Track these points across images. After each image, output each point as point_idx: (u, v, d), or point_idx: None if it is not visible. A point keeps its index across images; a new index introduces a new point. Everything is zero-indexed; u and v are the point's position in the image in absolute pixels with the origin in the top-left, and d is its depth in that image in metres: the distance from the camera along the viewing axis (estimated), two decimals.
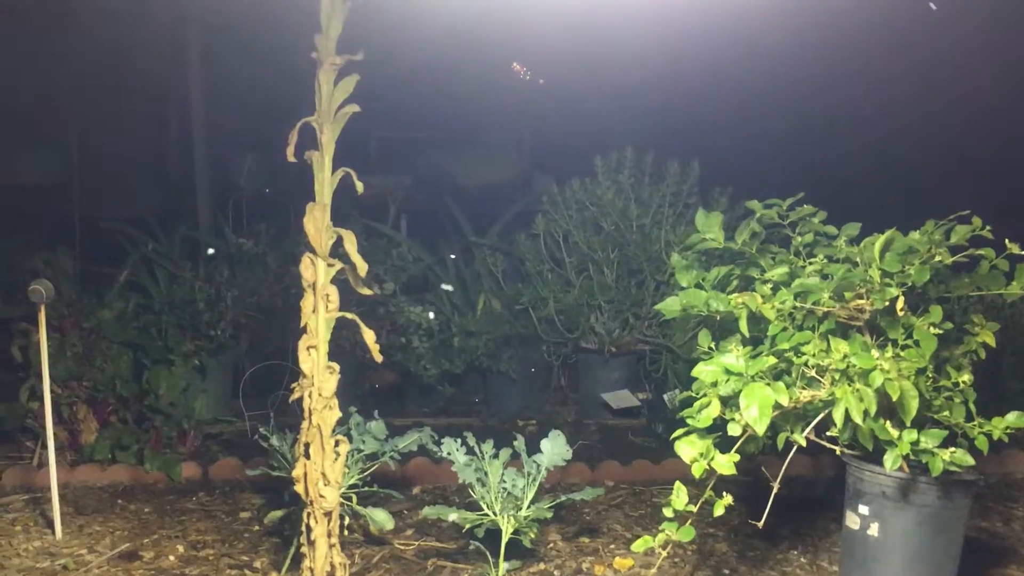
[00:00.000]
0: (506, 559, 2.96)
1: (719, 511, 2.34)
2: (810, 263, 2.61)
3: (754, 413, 2.21)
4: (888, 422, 2.43)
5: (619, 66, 7.74)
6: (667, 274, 4.84)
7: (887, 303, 2.41)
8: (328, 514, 2.80)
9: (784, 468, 2.51)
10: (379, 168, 8.43)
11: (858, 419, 2.31)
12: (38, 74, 7.68)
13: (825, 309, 2.44)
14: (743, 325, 2.48)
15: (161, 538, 3.43)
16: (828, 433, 2.58)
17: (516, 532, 2.97)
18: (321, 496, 2.76)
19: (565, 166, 5.50)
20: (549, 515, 2.96)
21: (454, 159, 8.72)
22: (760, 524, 2.44)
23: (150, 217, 5.92)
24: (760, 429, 2.22)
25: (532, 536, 3.02)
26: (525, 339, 5.18)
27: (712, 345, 2.58)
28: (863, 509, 2.69)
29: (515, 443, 3.07)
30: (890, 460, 2.41)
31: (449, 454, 3.08)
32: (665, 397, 4.71)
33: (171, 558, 3.25)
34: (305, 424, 2.80)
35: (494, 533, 2.97)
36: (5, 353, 4.37)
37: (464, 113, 9.34)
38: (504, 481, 3.02)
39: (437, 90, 8.68)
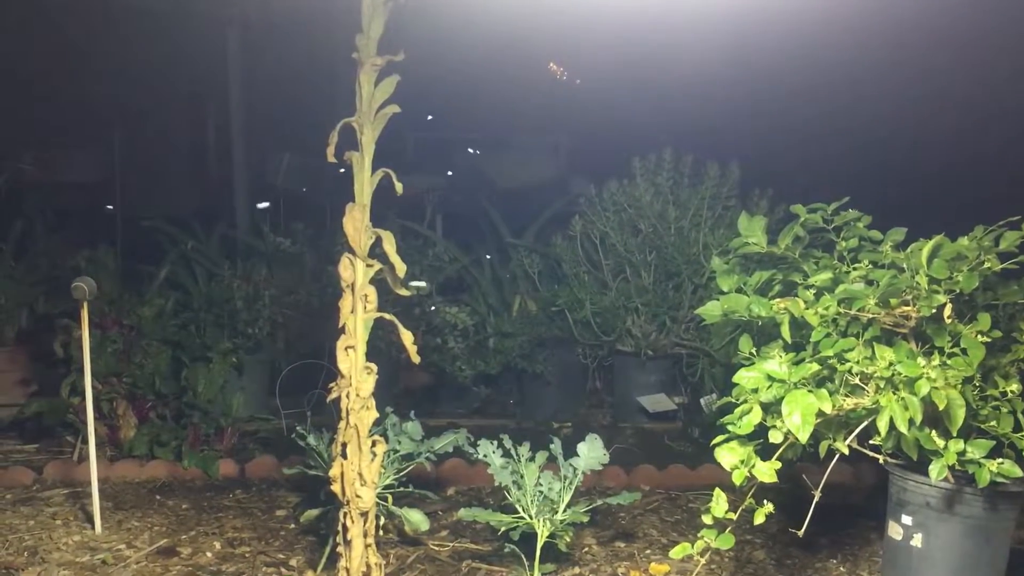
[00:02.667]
0: (541, 562, 2.95)
1: (759, 519, 2.30)
2: (854, 268, 2.57)
3: (797, 421, 2.17)
4: (933, 431, 2.39)
5: (657, 67, 7.69)
6: (705, 277, 4.80)
7: (934, 310, 2.36)
8: (364, 514, 2.80)
9: (826, 474, 2.46)
10: (416, 168, 8.45)
11: (903, 428, 2.27)
12: (81, 75, 7.79)
13: (870, 315, 2.40)
14: (785, 331, 2.45)
15: (198, 535, 3.46)
16: (871, 441, 2.53)
17: (551, 536, 2.95)
18: (357, 496, 2.76)
19: (602, 167, 5.47)
20: (585, 519, 2.94)
21: (490, 160, 8.73)
22: (800, 533, 2.41)
23: (189, 216, 5.98)
24: (803, 437, 2.19)
25: (567, 540, 3.00)
26: (561, 341, 5.16)
27: (753, 351, 2.55)
28: (906, 519, 2.64)
29: (551, 446, 3.05)
30: (936, 470, 2.36)
31: (485, 456, 3.07)
32: (702, 401, 4.67)
33: (208, 555, 3.27)
34: (342, 424, 2.81)
35: (529, 536, 2.96)
36: (48, 348, 4.44)
37: (501, 114, 9.34)
38: (540, 484, 3.01)
39: (474, 90, 8.69)
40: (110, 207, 7.83)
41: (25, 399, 4.76)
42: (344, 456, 2.79)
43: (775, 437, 2.28)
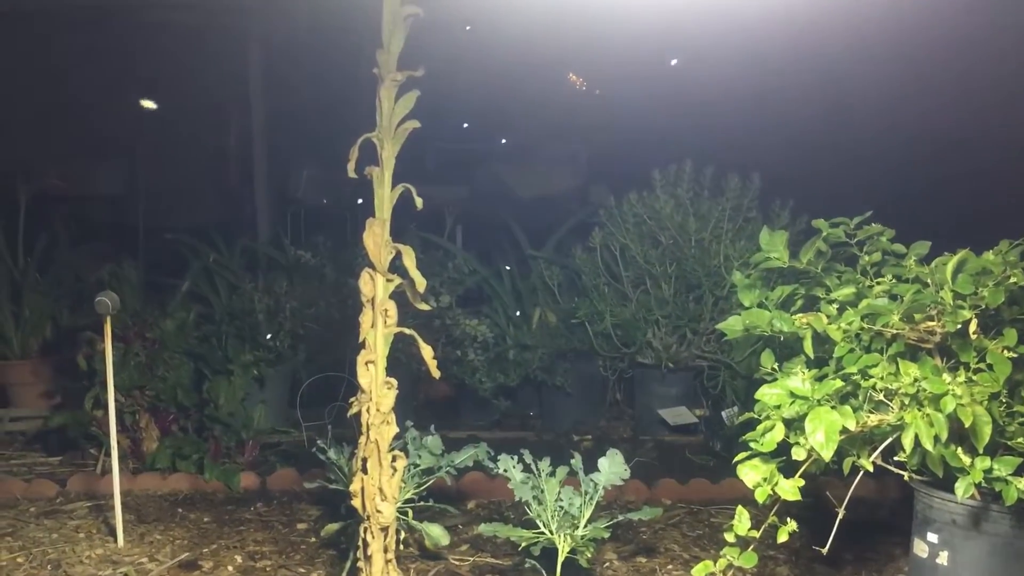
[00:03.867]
0: None
1: (783, 537, 2.28)
2: (878, 283, 2.54)
3: (820, 438, 2.15)
4: (959, 448, 2.35)
5: (677, 77, 7.68)
6: (726, 289, 4.77)
7: (959, 325, 2.33)
8: (385, 529, 2.80)
9: (850, 492, 2.44)
10: (436, 179, 8.46)
11: (928, 445, 2.24)
12: (105, 89, 7.88)
13: (894, 331, 2.37)
14: (808, 346, 2.43)
15: (220, 548, 3.46)
16: (896, 458, 2.50)
17: (572, 551, 2.94)
18: (378, 511, 2.76)
19: (621, 178, 5.46)
20: (606, 535, 2.93)
21: (510, 170, 8.72)
22: (824, 551, 2.38)
23: (212, 228, 6.02)
24: (827, 455, 2.16)
25: (588, 555, 2.98)
26: (581, 353, 5.14)
27: (775, 366, 2.53)
28: (932, 537, 2.61)
29: (572, 461, 3.04)
30: (962, 488, 2.33)
31: (506, 471, 3.06)
32: (723, 414, 4.64)
33: (229, 568, 3.28)
34: (363, 439, 2.81)
35: (550, 551, 2.95)
36: (72, 361, 4.48)
37: (520, 124, 9.35)
38: (561, 499, 2.99)
39: (494, 101, 8.70)
40: (134, 220, 7.90)
41: (49, 411, 4.81)
42: (364, 471, 2.80)
43: (798, 454, 2.26)
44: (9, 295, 5.34)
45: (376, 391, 2.77)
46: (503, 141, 9.47)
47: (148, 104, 7.97)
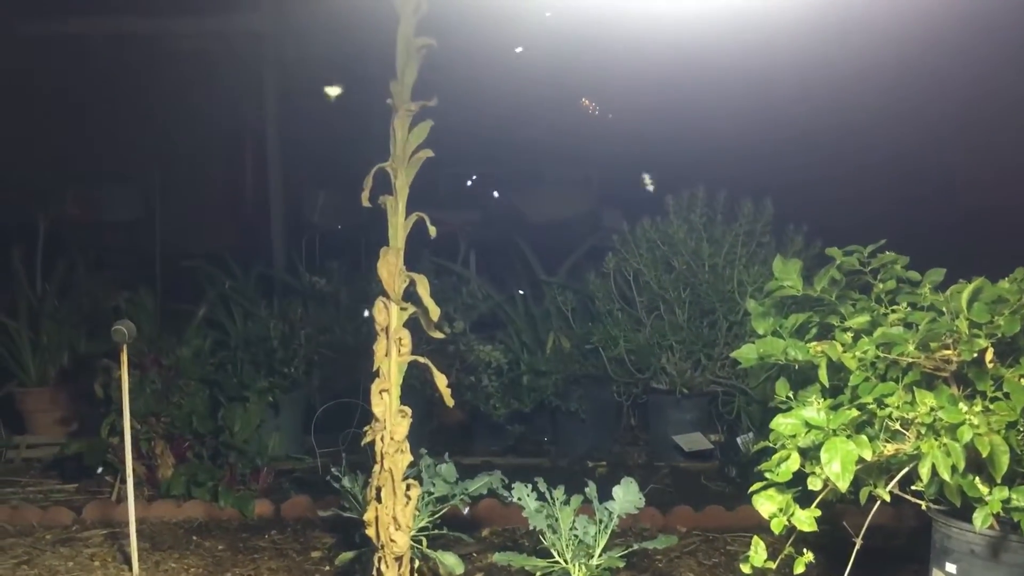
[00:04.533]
0: None
1: (799, 569, 2.27)
2: (892, 311, 2.54)
3: (836, 469, 2.14)
4: (977, 478, 2.33)
5: (689, 102, 7.70)
6: (740, 314, 4.76)
7: (975, 354, 2.32)
8: (399, 558, 2.80)
9: (867, 521, 2.42)
10: (448, 204, 8.51)
11: (945, 475, 2.22)
12: (121, 116, 7.97)
13: (910, 360, 2.36)
14: (823, 374, 2.42)
15: None
16: (913, 487, 2.48)
17: None
18: (392, 540, 2.76)
19: (634, 202, 5.48)
20: (621, 564, 2.92)
21: (523, 195, 8.76)
22: None
23: (227, 254, 6.05)
24: (843, 485, 2.15)
25: None
26: (595, 379, 5.13)
27: (790, 394, 2.52)
28: (950, 567, 2.58)
29: (586, 490, 3.03)
30: (980, 518, 2.31)
31: (520, 499, 3.05)
32: (739, 440, 4.61)
33: None
34: (377, 468, 2.81)
35: None
36: (89, 388, 4.50)
37: (533, 149, 9.40)
38: (575, 528, 2.99)
39: (507, 126, 8.76)
40: (151, 247, 7.96)
41: (66, 438, 4.83)
42: (379, 500, 2.80)
43: (814, 484, 2.25)
44: (27, 322, 5.38)
45: (390, 420, 2.78)
46: (515, 165, 9.51)
47: (165, 130, 8.05)
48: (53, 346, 5.35)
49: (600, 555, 2.94)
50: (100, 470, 4.26)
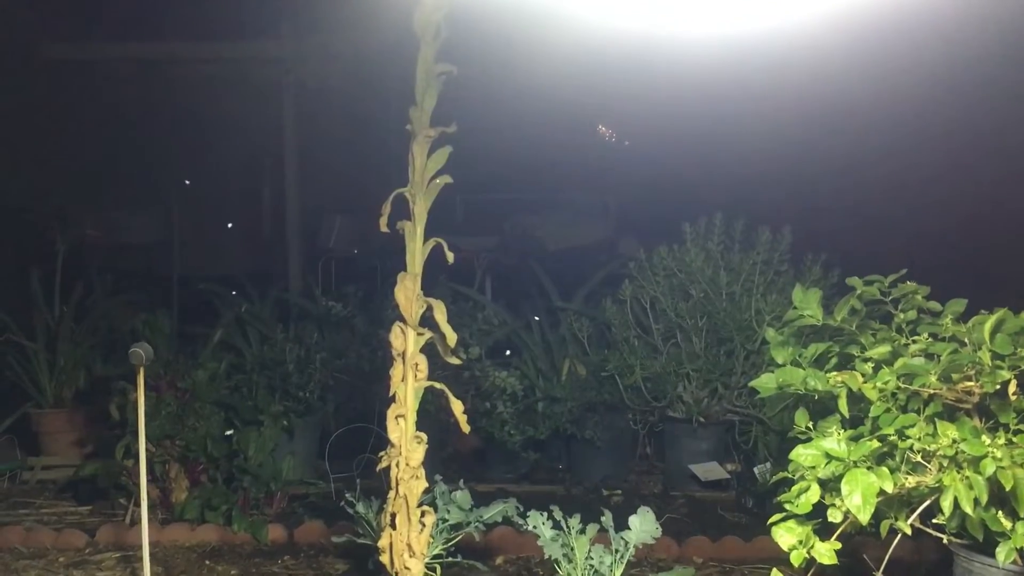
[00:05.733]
0: None
1: None
2: (913, 341, 2.51)
3: (857, 501, 2.11)
4: (1000, 512, 2.30)
5: (705, 130, 7.72)
6: (758, 343, 4.73)
7: (998, 386, 2.29)
8: None
9: (888, 555, 2.38)
10: (465, 230, 8.53)
11: (968, 508, 2.19)
12: (139, 140, 8.06)
13: (931, 391, 2.34)
14: (843, 405, 2.39)
15: None
16: (934, 520, 2.45)
17: None
18: (406, 568, 2.75)
19: (650, 229, 5.47)
20: None
21: (539, 221, 8.77)
22: None
23: (244, 278, 6.08)
24: (864, 518, 2.12)
25: None
26: (610, 406, 5.09)
27: (810, 424, 2.49)
28: None
29: (602, 519, 3.01)
30: (1003, 553, 2.27)
31: (535, 528, 3.03)
32: (756, 470, 4.56)
33: None
34: (392, 494, 2.80)
35: None
36: (104, 410, 4.51)
37: (549, 175, 9.44)
38: (591, 557, 2.96)
39: (524, 153, 8.80)
40: (168, 270, 8.01)
41: (81, 460, 4.83)
42: (393, 526, 2.79)
43: (834, 516, 2.22)
44: (44, 344, 5.40)
45: (406, 445, 2.77)
46: (532, 192, 9.54)
47: (183, 155, 8.13)
48: (70, 368, 5.37)
49: None
50: (123, 475, 4.22)
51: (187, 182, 8.26)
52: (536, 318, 5.59)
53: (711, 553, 3.91)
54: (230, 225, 8.90)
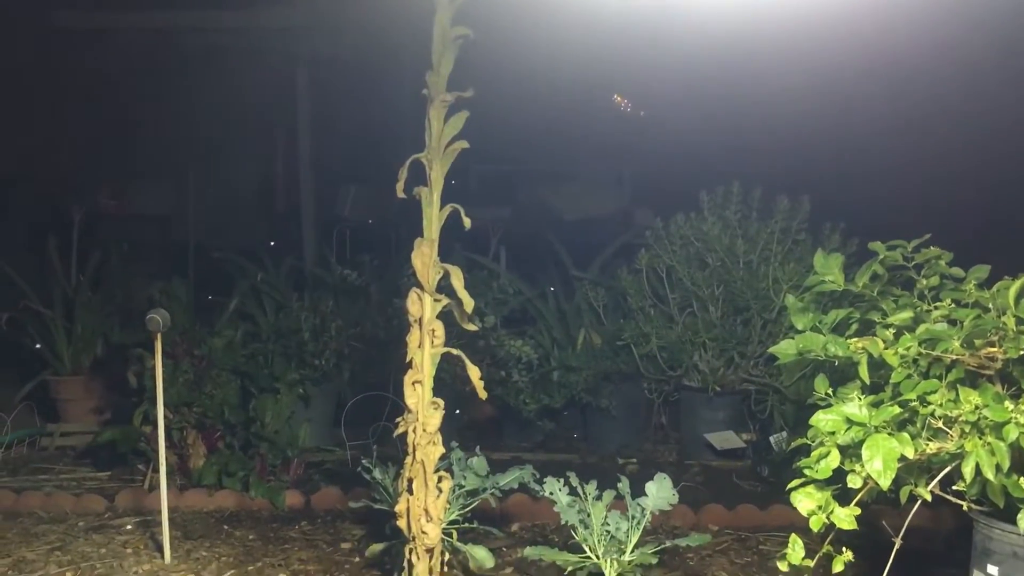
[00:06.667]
0: None
1: (838, 567, 2.22)
2: (936, 307, 2.48)
3: (878, 466, 2.10)
4: (1022, 478, 2.28)
5: (722, 98, 7.63)
6: (775, 312, 4.71)
7: (1022, 352, 2.26)
8: (430, 550, 2.79)
9: (907, 522, 2.37)
10: (479, 201, 8.48)
11: (989, 474, 2.17)
12: (155, 111, 8.04)
13: (954, 357, 2.31)
14: (863, 371, 2.37)
15: (265, 566, 3.47)
16: (954, 487, 2.43)
17: None
18: (423, 532, 2.76)
19: (666, 200, 5.42)
20: (654, 560, 2.89)
21: (554, 192, 8.72)
22: None
23: (259, 248, 6.08)
24: (884, 483, 2.11)
25: None
26: (626, 375, 5.09)
27: (829, 391, 2.47)
28: (992, 569, 2.52)
29: (619, 485, 3.00)
30: None
31: (551, 494, 3.03)
32: (771, 439, 4.55)
33: None
34: (408, 459, 2.81)
35: None
36: (122, 377, 4.54)
37: (564, 146, 9.36)
38: (607, 523, 2.96)
39: (537, 123, 8.72)
40: (183, 239, 8.02)
41: (99, 427, 4.87)
42: (410, 492, 2.79)
43: (854, 482, 2.20)
44: (62, 312, 5.43)
45: (423, 411, 2.77)
46: (546, 162, 9.47)
47: (198, 126, 8.10)
48: (87, 335, 5.41)
49: (632, 551, 2.91)
50: (141, 441, 4.24)
51: (201, 153, 8.23)
52: (551, 288, 5.58)
53: (727, 521, 3.91)
54: (244, 195, 8.88)
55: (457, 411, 5.04)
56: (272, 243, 6.98)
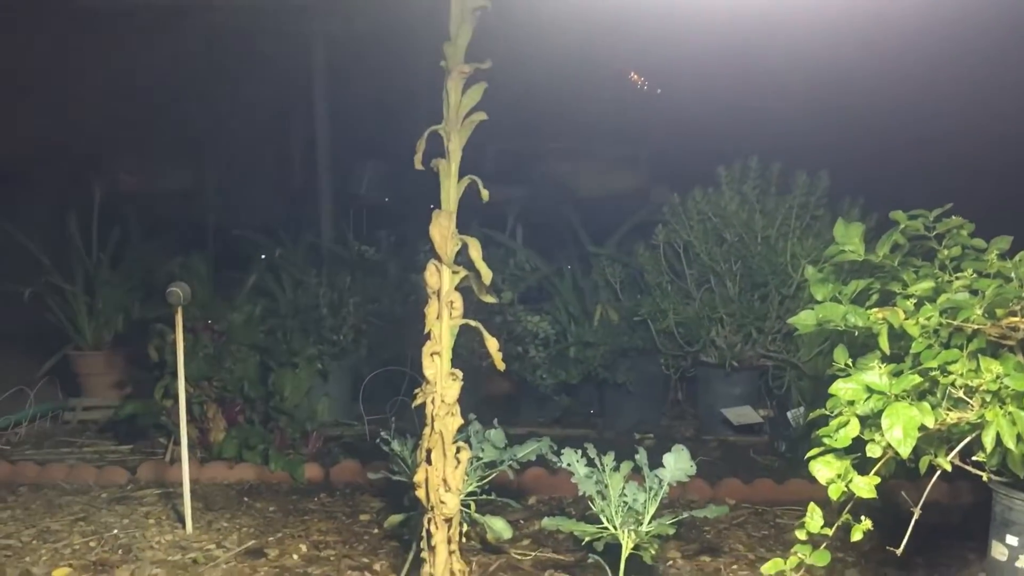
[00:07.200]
0: (625, 574, 2.90)
1: (857, 536, 2.23)
2: (957, 278, 2.47)
3: (898, 434, 2.09)
4: None
5: (739, 76, 7.58)
6: (793, 287, 4.70)
7: None
8: (448, 520, 2.81)
9: (926, 492, 2.37)
10: (496, 179, 8.45)
11: (1010, 444, 2.16)
12: (172, 89, 8.06)
13: (975, 327, 2.30)
14: (883, 341, 2.36)
15: (285, 537, 3.51)
16: (974, 458, 2.42)
17: (636, 547, 2.91)
18: (442, 502, 2.77)
19: (682, 178, 5.40)
20: (671, 531, 2.89)
21: (570, 170, 8.70)
22: (899, 551, 2.32)
23: (277, 225, 6.10)
24: (904, 451, 2.10)
25: (653, 552, 2.95)
26: (642, 351, 5.09)
27: (849, 362, 2.46)
28: (1011, 540, 2.53)
29: (636, 456, 3.01)
30: None
31: (569, 465, 3.04)
32: (789, 415, 4.55)
33: (294, 557, 3.32)
34: (427, 430, 2.82)
35: (613, 548, 2.92)
36: (142, 352, 4.58)
37: (581, 124, 9.32)
38: (625, 494, 2.96)
39: (554, 101, 8.69)
40: (202, 217, 8.05)
41: (120, 401, 4.92)
42: (429, 462, 2.80)
43: (873, 451, 2.20)
44: (83, 288, 5.48)
45: (441, 382, 2.78)
46: (563, 141, 9.44)
47: (216, 104, 8.12)
48: (108, 310, 5.45)
49: (650, 522, 2.92)
50: (162, 415, 4.28)
51: (219, 130, 8.25)
52: (568, 266, 5.57)
53: (743, 495, 3.93)
54: (261, 173, 8.91)
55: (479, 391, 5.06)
56: (289, 221, 7.00)
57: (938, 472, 2.38)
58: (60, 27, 7.37)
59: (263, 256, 5.56)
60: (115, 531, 3.56)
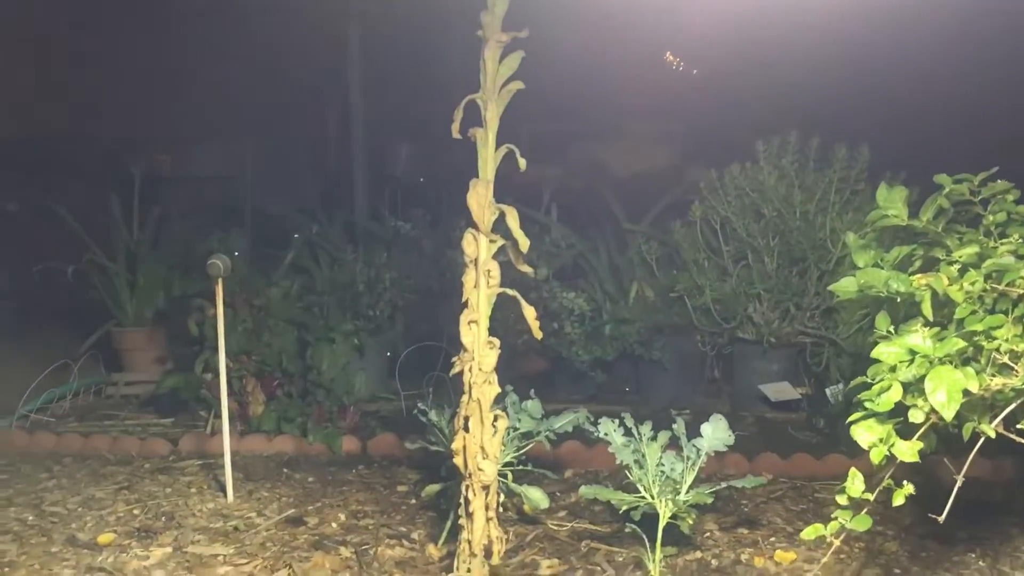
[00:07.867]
0: (663, 545, 2.90)
1: (899, 500, 2.20)
2: (1002, 243, 2.42)
3: (942, 398, 2.06)
4: None
5: (775, 55, 7.48)
6: (832, 263, 4.64)
7: None
8: (486, 487, 2.82)
9: (970, 460, 2.33)
10: (532, 158, 8.43)
11: None
12: (210, 72, 8.13)
13: (1020, 291, 2.26)
14: (926, 308, 2.32)
15: (324, 506, 3.55)
16: (1018, 426, 2.38)
17: (673, 517, 2.90)
18: (480, 469, 2.78)
19: (718, 157, 5.35)
20: (710, 500, 2.88)
21: (605, 149, 8.66)
22: (941, 519, 2.29)
23: (314, 205, 6.16)
24: (948, 415, 2.07)
25: (690, 522, 2.94)
26: (678, 328, 5.07)
27: (891, 329, 2.43)
28: None
29: (674, 426, 3.00)
30: None
31: (606, 435, 3.04)
32: (827, 392, 4.51)
33: (333, 525, 3.36)
34: (465, 398, 2.83)
35: (650, 518, 2.91)
36: (182, 329, 4.64)
37: (616, 104, 9.27)
38: (662, 464, 2.96)
39: (588, 81, 8.64)
40: (241, 198, 8.13)
41: (161, 375, 5.00)
42: (466, 430, 2.82)
43: (916, 416, 2.17)
44: (125, 265, 5.56)
45: (479, 350, 2.79)
46: (597, 121, 9.39)
47: (252, 86, 8.18)
48: (149, 287, 5.54)
49: (687, 492, 2.91)
50: (202, 388, 4.34)
51: (254, 112, 8.31)
52: (603, 244, 5.55)
53: (782, 469, 3.90)
54: (297, 155, 8.97)
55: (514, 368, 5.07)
56: (326, 200, 7.05)
57: (979, 442, 2.34)
58: (95, 8, 7.46)
59: (295, 236, 5.61)
60: (159, 499, 3.62)
